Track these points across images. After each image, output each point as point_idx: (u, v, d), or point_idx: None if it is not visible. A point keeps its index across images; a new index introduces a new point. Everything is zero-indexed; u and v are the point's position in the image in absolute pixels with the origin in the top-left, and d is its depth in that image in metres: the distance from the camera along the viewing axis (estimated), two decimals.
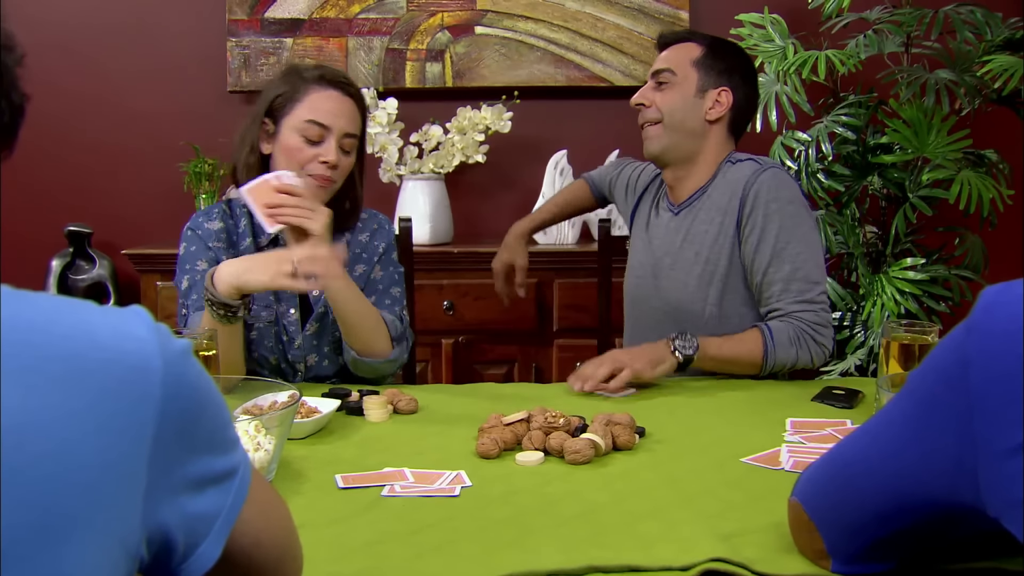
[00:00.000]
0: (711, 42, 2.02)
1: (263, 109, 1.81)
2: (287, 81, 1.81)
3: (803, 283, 1.86)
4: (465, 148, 3.08)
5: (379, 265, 1.91)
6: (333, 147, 1.78)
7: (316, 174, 1.78)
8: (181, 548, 0.70)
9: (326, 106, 1.78)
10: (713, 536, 1.10)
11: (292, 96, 1.79)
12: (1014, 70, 2.49)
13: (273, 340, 1.84)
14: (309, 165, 1.78)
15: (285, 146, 1.79)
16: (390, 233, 1.97)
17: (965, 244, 2.89)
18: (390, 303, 1.89)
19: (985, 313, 0.79)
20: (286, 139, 1.79)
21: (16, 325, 0.61)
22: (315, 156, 1.78)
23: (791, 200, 1.89)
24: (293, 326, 1.85)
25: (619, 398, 1.73)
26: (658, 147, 2.00)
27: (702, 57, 1.99)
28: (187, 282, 1.81)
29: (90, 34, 3.26)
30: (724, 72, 1.99)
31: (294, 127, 1.78)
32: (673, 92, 1.99)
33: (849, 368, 2.67)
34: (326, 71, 1.82)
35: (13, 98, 0.69)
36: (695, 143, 1.99)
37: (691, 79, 1.98)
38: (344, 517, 1.18)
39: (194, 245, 1.83)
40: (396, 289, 1.92)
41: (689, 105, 1.98)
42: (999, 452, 0.76)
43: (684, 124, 1.98)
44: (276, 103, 1.80)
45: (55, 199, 3.28)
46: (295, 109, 1.78)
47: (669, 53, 2.02)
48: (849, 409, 1.64)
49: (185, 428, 0.68)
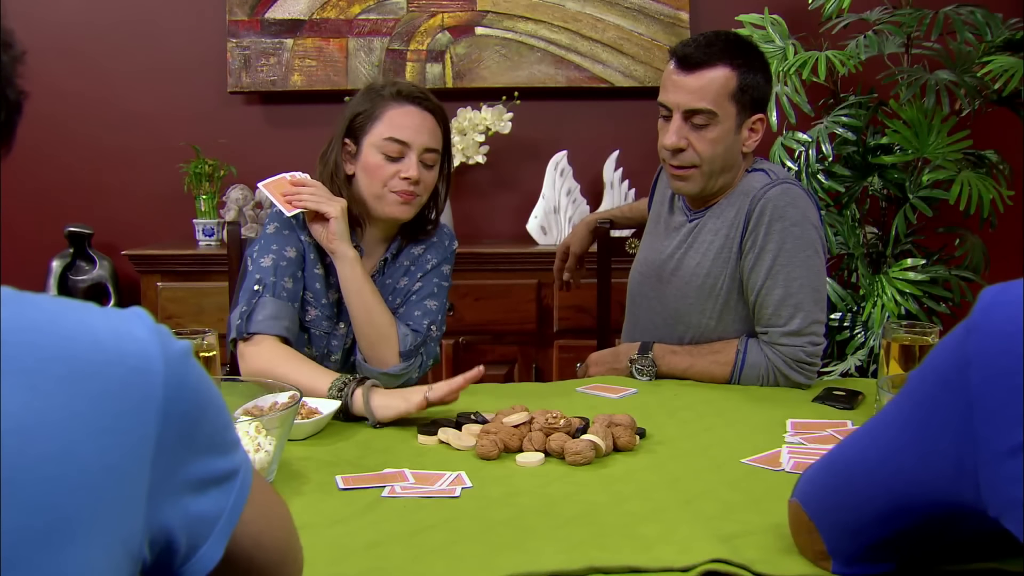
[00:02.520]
0: (742, 62, 1.82)
1: (343, 129, 1.81)
2: (366, 100, 1.81)
3: (792, 310, 1.80)
4: (465, 149, 3.08)
5: (424, 275, 1.88)
6: (414, 162, 1.77)
7: (399, 190, 1.77)
8: (183, 549, 0.70)
9: (405, 122, 1.78)
10: (713, 537, 1.10)
11: (371, 114, 1.79)
12: (1014, 71, 2.49)
13: (321, 349, 1.83)
14: (391, 182, 1.78)
15: (366, 164, 1.79)
16: (448, 250, 1.94)
17: (965, 245, 2.89)
18: (419, 314, 1.83)
19: (984, 313, 0.79)
20: (367, 157, 1.79)
21: (18, 327, 0.61)
22: (396, 172, 1.77)
23: (796, 222, 1.80)
24: (337, 340, 1.84)
25: (619, 399, 1.73)
26: (695, 190, 1.88)
27: (739, 88, 1.82)
28: (271, 260, 1.75)
29: (90, 34, 3.26)
30: (759, 97, 1.85)
31: (374, 145, 1.78)
32: (713, 135, 1.82)
33: (849, 369, 2.67)
34: (403, 86, 1.82)
35: (9, 95, 0.69)
36: (731, 174, 1.89)
37: (730, 116, 1.83)
38: (344, 518, 1.18)
39: (287, 230, 1.79)
40: (431, 302, 1.86)
41: (729, 145, 1.84)
42: (999, 452, 0.76)
43: (724, 165, 1.86)
44: (356, 122, 1.80)
45: (55, 200, 3.28)
46: (375, 127, 1.78)
47: (703, 84, 1.81)
48: (850, 410, 1.64)
49: (187, 429, 0.68)
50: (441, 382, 1.57)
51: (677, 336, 1.93)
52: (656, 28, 3.21)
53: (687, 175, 1.87)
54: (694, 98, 1.81)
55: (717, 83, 1.81)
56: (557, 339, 2.99)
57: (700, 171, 1.86)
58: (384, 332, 1.76)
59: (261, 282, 1.73)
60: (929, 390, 0.84)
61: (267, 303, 1.71)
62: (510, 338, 3.00)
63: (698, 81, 1.81)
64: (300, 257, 1.79)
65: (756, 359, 1.81)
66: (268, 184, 1.77)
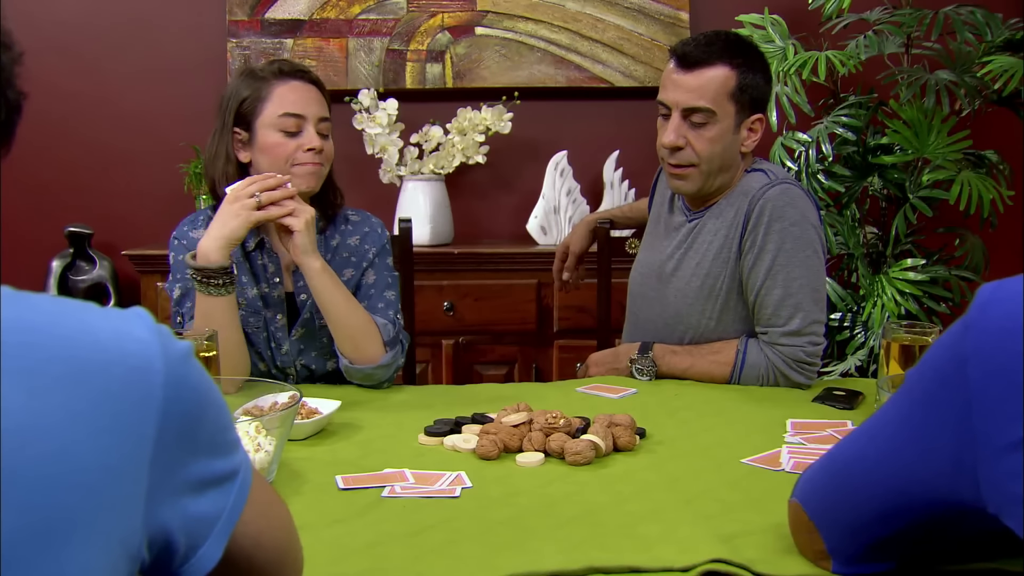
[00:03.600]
0: (741, 62, 1.83)
1: (231, 119, 1.80)
2: (248, 84, 1.80)
3: (792, 310, 1.80)
4: (465, 149, 3.08)
5: (371, 269, 1.89)
6: (313, 133, 1.79)
7: (304, 162, 1.78)
8: (182, 550, 0.70)
9: (295, 96, 1.79)
10: (713, 537, 1.10)
11: (259, 96, 1.78)
12: (1014, 71, 2.49)
13: (263, 345, 1.84)
14: (295, 156, 1.78)
15: (265, 145, 1.78)
16: (383, 237, 1.94)
17: (965, 245, 2.89)
18: (383, 307, 1.85)
19: (982, 310, 0.79)
20: (264, 139, 1.78)
21: (17, 327, 0.61)
22: (298, 147, 1.78)
23: (795, 222, 1.80)
24: (280, 332, 1.84)
25: (619, 399, 1.73)
26: (693, 189, 1.89)
27: (738, 87, 1.82)
28: (180, 290, 1.81)
29: (90, 34, 3.26)
30: (758, 97, 1.85)
31: (270, 124, 1.78)
32: (711, 134, 1.83)
33: (849, 369, 2.67)
34: (283, 64, 1.82)
35: (9, 95, 0.69)
36: (728, 174, 1.89)
37: (729, 115, 1.83)
38: (344, 518, 1.18)
39: (182, 254, 1.81)
40: (390, 293, 1.89)
41: (727, 144, 1.85)
42: (998, 448, 0.76)
43: (722, 164, 1.86)
44: (244, 108, 1.79)
45: (55, 200, 3.28)
46: (265, 108, 1.78)
47: (697, 82, 1.82)
48: (850, 410, 1.64)
49: (187, 430, 0.68)
50: (242, 183, 1.67)
51: (677, 336, 1.93)
52: (656, 28, 3.21)
53: (685, 174, 1.87)
54: (693, 96, 1.82)
55: (716, 82, 1.81)
56: (557, 339, 2.99)
57: (698, 170, 1.86)
58: (365, 328, 1.77)
59: (178, 312, 1.81)
60: (927, 387, 0.84)
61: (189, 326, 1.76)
62: (510, 338, 3.00)
63: (697, 80, 1.82)
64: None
65: (756, 359, 1.81)
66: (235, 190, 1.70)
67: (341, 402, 1.58)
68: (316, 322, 1.84)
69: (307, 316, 1.84)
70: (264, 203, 1.67)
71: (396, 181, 3.12)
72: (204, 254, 1.66)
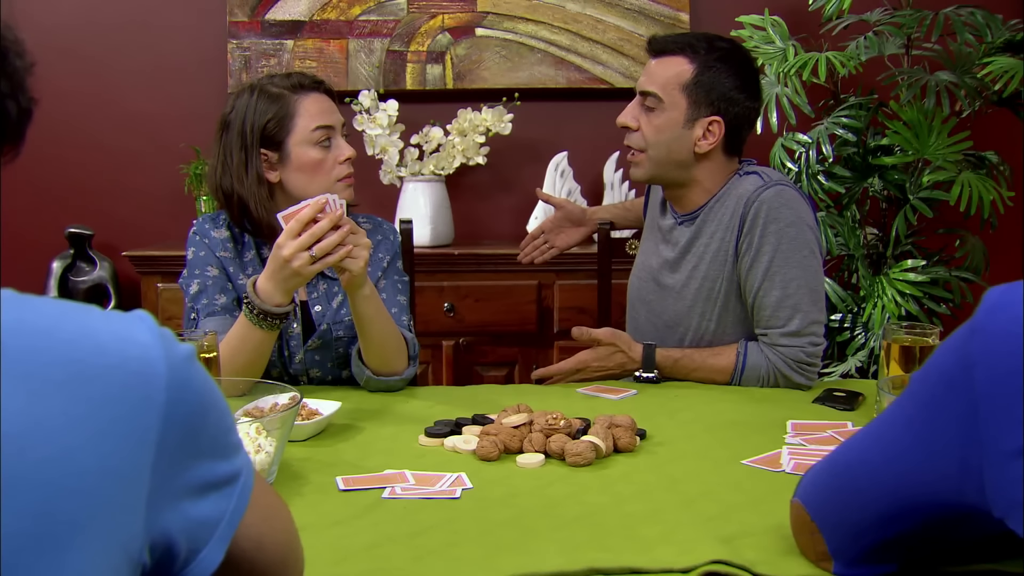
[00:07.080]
0: (704, 58, 1.84)
1: (256, 142, 1.76)
2: (267, 104, 1.76)
3: (791, 311, 1.80)
4: (466, 150, 3.08)
5: (383, 277, 1.87)
6: (343, 142, 1.80)
7: (344, 175, 1.79)
8: (183, 553, 0.70)
9: (319, 107, 1.78)
10: (714, 538, 1.10)
11: (284, 114, 1.76)
12: (1014, 72, 2.49)
13: (276, 353, 1.82)
14: (335, 170, 1.78)
15: (303, 163, 1.76)
16: (395, 244, 1.93)
17: (966, 246, 2.89)
18: (396, 311, 1.84)
19: (989, 314, 0.79)
20: (302, 156, 1.76)
21: (19, 330, 0.61)
22: (335, 159, 1.78)
23: (791, 223, 1.80)
24: (295, 340, 1.83)
25: (620, 400, 1.73)
26: (643, 176, 1.93)
27: (692, 81, 1.83)
28: (197, 286, 1.80)
29: (90, 35, 3.26)
30: (717, 98, 1.84)
31: (305, 141, 1.76)
32: (658, 121, 1.86)
33: (849, 370, 2.67)
34: (296, 77, 1.80)
35: (21, 100, 0.70)
36: (685, 172, 1.89)
37: (679, 107, 1.85)
38: (345, 519, 1.18)
39: (203, 251, 1.81)
40: (402, 298, 1.88)
41: (676, 136, 1.86)
42: (1004, 453, 0.76)
43: (670, 156, 1.87)
44: (270, 130, 1.75)
45: (56, 200, 3.27)
46: (296, 124, 1.76)
47: (657, 68, 1.87)
48: (850, 411, 1.64)
49: (189, 433, 0.68)
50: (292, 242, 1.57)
51: (677, 339, 1.93)
52: (656, 29, 3.20)
53: (636, 160, 1.92)
54: (646, 80, 1.89)
55: (671, 71, 1.86)
56: (557, 340, 2.99)
57: (647, 156, 1.89)
58: (397, 345, 1.76)
59: (193, 308, 1.79)
60: (933, 391, 0.84)
61: (204, 323, 1.76)
62: (510, 339, 2.99)
63: (657, 67, 1.89)
64: (222, 271, 1.80)
65: (756, 361, 1.81)
66: (287, 216, 1.59)
67: (341, 403, 1.59)
68: (333, 334, 1.82)
69: (324, 328, 1.82)
70: (318, 256, 1.57)
71: (396, 182, 3.12)
72: (268, 296, 1.60)
